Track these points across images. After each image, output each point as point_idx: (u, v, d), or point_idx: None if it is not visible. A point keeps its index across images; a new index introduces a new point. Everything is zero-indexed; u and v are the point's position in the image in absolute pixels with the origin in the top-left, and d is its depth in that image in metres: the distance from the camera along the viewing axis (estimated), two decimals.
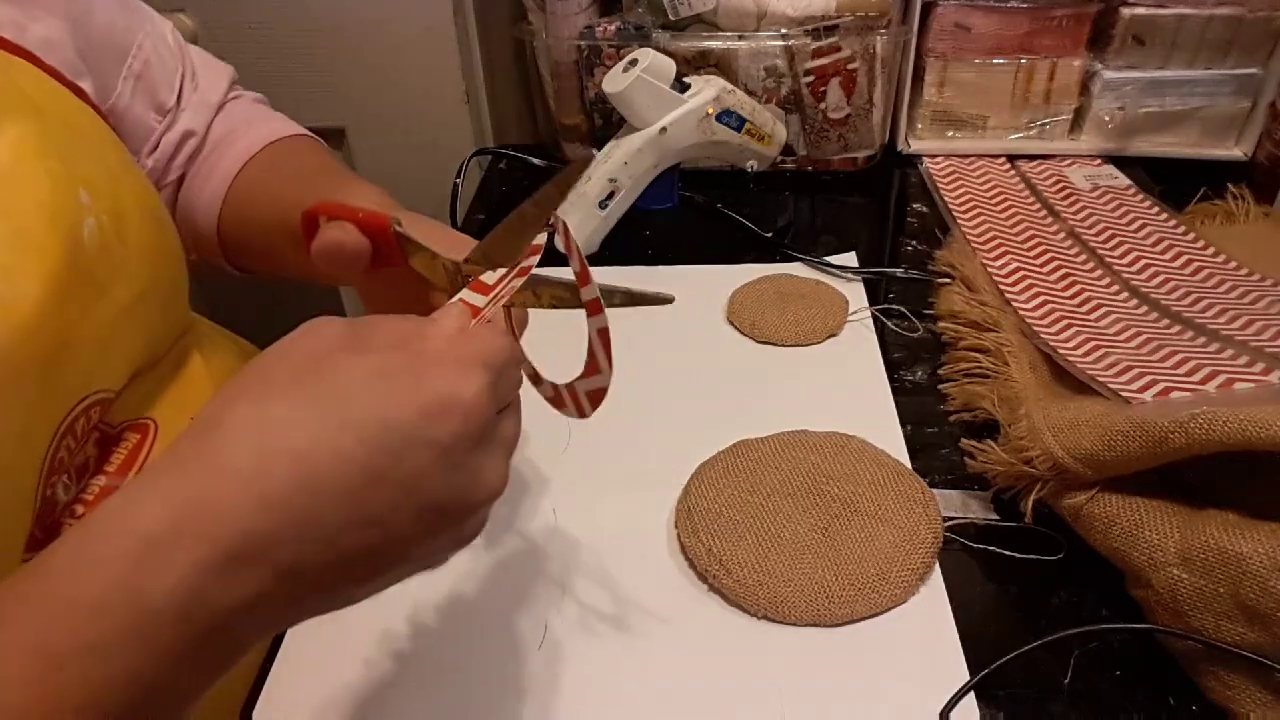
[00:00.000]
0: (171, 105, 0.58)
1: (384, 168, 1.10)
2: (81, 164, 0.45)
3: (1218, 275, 0.72)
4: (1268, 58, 0.86)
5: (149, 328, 0.50)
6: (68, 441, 0.43)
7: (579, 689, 0.47)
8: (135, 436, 0.49)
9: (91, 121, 0.49)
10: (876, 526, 0.53)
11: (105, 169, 0.47)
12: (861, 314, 0.73)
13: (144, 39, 0.56)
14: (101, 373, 0.46)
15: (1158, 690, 0.46)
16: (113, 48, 0.54)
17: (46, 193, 0.42)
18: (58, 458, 0.43)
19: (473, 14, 1.00)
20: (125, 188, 0.48)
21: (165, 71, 0.57)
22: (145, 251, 0.48)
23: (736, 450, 0.59)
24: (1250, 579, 0.43)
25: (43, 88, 0.46)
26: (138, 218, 0.48)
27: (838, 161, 0.94)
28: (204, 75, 0.61)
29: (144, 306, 0.48)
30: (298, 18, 0.98)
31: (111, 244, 0.45)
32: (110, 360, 0.47)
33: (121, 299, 0.46)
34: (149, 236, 0.49)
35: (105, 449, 0.47)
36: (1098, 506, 0.50)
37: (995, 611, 0.51)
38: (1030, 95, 0.92)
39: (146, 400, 0.50)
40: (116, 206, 0.46)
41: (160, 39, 0.57)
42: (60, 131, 0.45)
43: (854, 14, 0.85)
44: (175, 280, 0.53)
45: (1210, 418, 0.45)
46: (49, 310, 0.40)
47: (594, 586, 0.52)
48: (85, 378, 0.44)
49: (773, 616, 0.50)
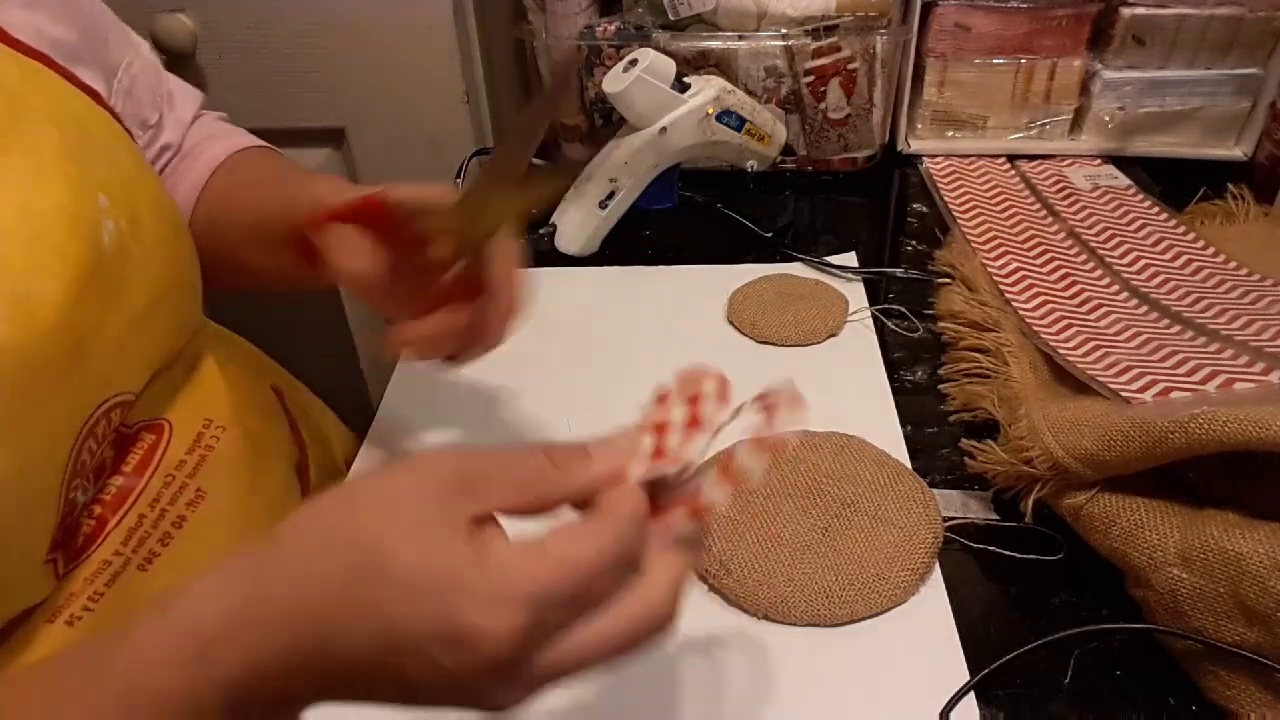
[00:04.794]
0: (154, 122, 0.59)
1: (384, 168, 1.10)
2: (98, 168, 0.45)
3: (1218, 275, 0.72)
4: (1268, 58, 0.86)
5: (166, 329, 0.51)
6: (89, 443, 0.43)
7: (579, 689, 0.47)
8: (151, 437, 0.49)
9: (106, 125, 0.49)
10: (876, 526, 0.53)
11: (120, 172, 0.47)
12: (861, 314, 0.73)
13: (134, 56, 0.57)
14: (122, 375, 0.46)
15: (1158, 690, 0.46)
16: (108, 65, 0.54)
17: (66, 196, 0.42)
18: (80, 460, 0.43)
19: (473, 14, 1.00)
20: (140, 190, 0.49)
21: (149, 89, 0.59)
22: (161, 253, 0.49)
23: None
24: (1250, 579, 0.43)
25: (59, 91, 0.46)
26: (153, 220, 0.49)
27: (838, 161, 0.94)
28: (179, 95, 0.63)
29: (161, 307, 0.49)
30: (298, 18, 0.98)
31: (130, 246, 0.45)
32: (130, 362, 0.47)
33: (140, 301, 0.46)
34: (165, 238, 0.50)
35: (122, 449, 0.48)
36: (1098, 506, 0.50)
37: (995, 611, 0.51)
38: (1030, 95, 0.92)
39: (162, 401, 0.51)
40: (133, 210, 0.47)
41: (145, 60, 0.59)
42: (77, 135, 0.45)
43: (854, 14, 0.85)
44: (190, 280, 0.54)
45: (1210, 418, 0.45)
46: (70, 313, 0.40)
47: None
48: (106, 380, 0.44)
49: (773, 616, 0.50)
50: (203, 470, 0.51)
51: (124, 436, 0.48)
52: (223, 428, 0.53)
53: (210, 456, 0.52)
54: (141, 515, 0.47)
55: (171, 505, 0.49)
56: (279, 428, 0.61)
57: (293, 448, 0.62)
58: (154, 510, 0.48)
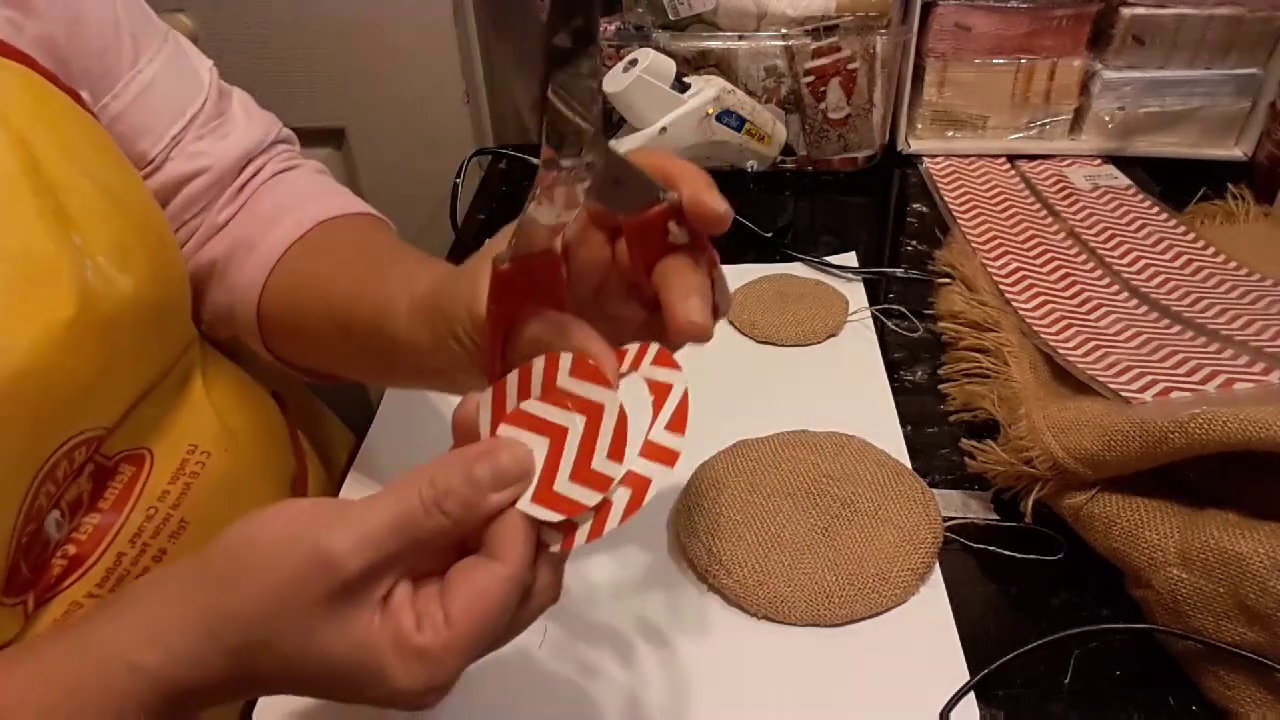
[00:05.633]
0: (155, 154, 0.52)
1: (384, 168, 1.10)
2: (76, 194, 0.42)
3: (1218, 275, 0.72)
4: (1268, 58, 0.86)
5: (152, 355, 0.48)
6: (47, 486, 0.41)
7: (579, 689, 0.47)
8: (130, 469, 0.47)
9: (88, 132, 0.46)
10: (876, 526, 0.53)
11: (103, 191, 0.44)
12: (861, 314, 0.73)
13: (132, 78, 0.51)
14: (92, 413, 0.43)
15: (1158, 690, 0.46)
16: (102, 76, 0.50)
17: (37, 238, 0.39)
18: (36, 504, 0.41)
19: (473, 14, 1.00)
20: (127, 209, 0.46)
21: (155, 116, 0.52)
22: (149, 277, 0.46)
23: (736, 450, 0.59)
24: (1250, 579, 0.43)
25: (38, 96, 0.43)
26: (139, 241, 0.46)
27: (838, 161, 0.94)
28: (240, 125, 0.56)
29: (149, 336, 0.46)
30: (298, 18, 0.98)
31: (115, 279, 0.43)
32: (103, 399, 0.44)
33: (123, 336, 0.44)
34: (152, 259, 0.47)
35: (100, 483, 0.46)
36: (1098, 506, 0.50)
37: (995, 611, 0.51)
38: (1030, 95, 0.92)
39: (144, 428, 0.48)
40: (118, 236, 0.44)
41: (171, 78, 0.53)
42: (55, 155, 0.42)
43: (854, 14, 0.85)
44: (179, 299, 0.51)
45: (1210, 418, 0.45)
46: (39, 360, 0.38)
47: (594, 586, 0.52)
48: (72, 420, 0.42)
49: (773, 616, 0.50)
50: (186, 500, 0.48)
51: (103, 469, 0.46)
52: (208, 453, 0.50)
53: (195, 484, 0.49)
54: (120, 554, 0.45)
55: (154, 539, 0.47)
56: (275, 440, 0.59)
57: (290, 459, 0.60)
58: (134, 547, 0.46)
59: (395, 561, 0.31)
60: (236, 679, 0.32)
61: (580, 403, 0.33)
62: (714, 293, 0.36)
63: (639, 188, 0.35)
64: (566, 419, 0.34)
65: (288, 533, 0.31)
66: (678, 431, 0.33)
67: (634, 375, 0.34)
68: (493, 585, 0.31)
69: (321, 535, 0.30)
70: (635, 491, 0.32)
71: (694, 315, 0.34)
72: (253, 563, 0.31)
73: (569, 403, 0.34)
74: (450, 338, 0.40)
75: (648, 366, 0.35)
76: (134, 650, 0.31)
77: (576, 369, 0.34)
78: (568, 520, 0.32)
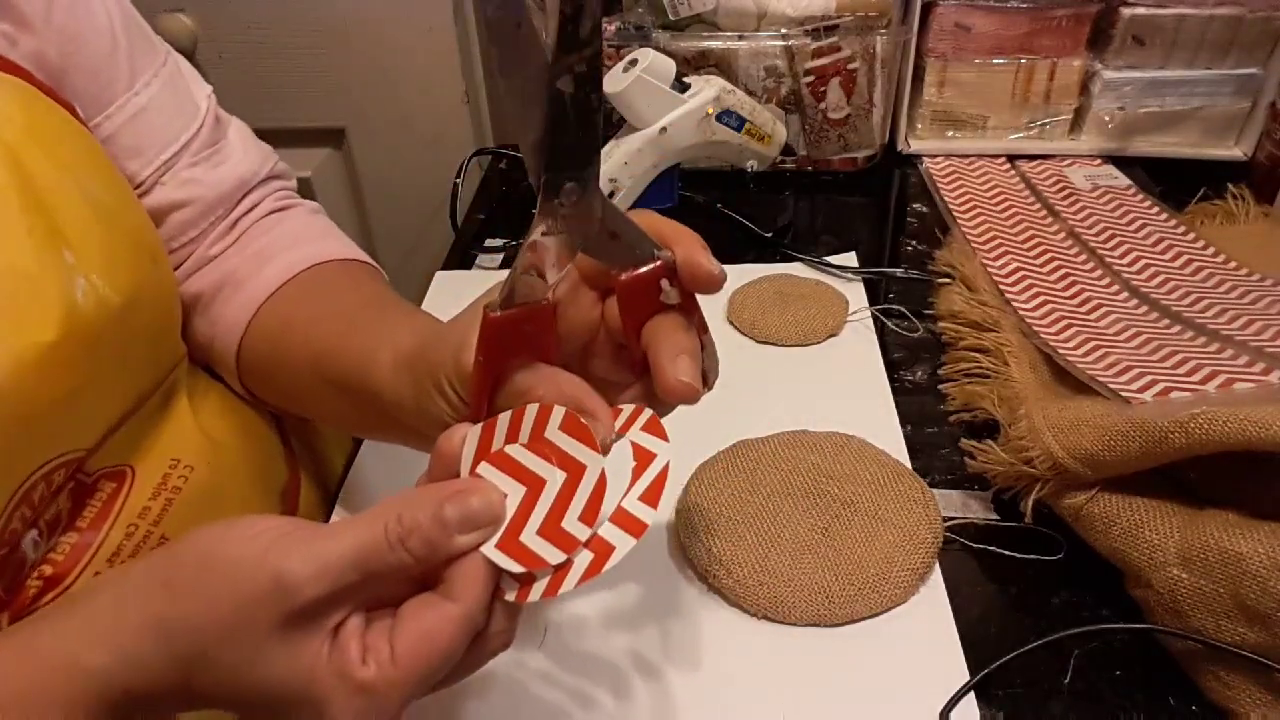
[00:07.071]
0: (144, 178, 0.51)
1: (384, 168, 1.10)
2: (69, 210, 0.42)
3: (1218, 275, 0.72)
4: (1268, 58, 0.86)
5: (137, 374, 0.47)
6: (22, 510, 0.41)
7: (579, 688, 0.47)
8: (111, 486, 0.46)
9: (82, 146, 0.45)
10: (876, 526, 0.53)
11: (96, 206, 0.43)
12: (861, 314, 0.73)
13: (126, 100, 0.51)
14: (72, 435, 0.43)
15: (1158, 690, 0.46)
16: (98, 97, 0.50)
17: (26, 256, 0.39)
18: (10, 530, 0.40)
19: (473, 14, 1.00)
20: (120, 225, 0.45)
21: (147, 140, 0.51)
22: (140, 295, 0.45)
23: (736, 450, 0.59)
24: (1250, 579, 0.43)
25: (32, 109, 0.43)
26: (131, 258, 0.45)
27: (838, 161, 0.94)
28: (236, 154, 0.55)
29: (133, 353, 0.46)
30: (298, 18, 0.98)
31: (107, 297, 0.42)
32: (85, 421, 0.43)
33: (110, 355, 0.43)
34: (144, 277, 0.46)
35: (79, 501, 0.45)
36: (1098, 506, 0.50)
37: (995, 611, 0.51)
38: (1030, 95, 0.92)
39: (126, 445, 0.47)
40: (110, 254, 0.43)
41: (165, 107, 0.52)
42: (48, 170, 0.41)
43: (854, 14, 0.85)
44: (169, 317, 0.50)
45: (1210, 418, 0.45)
46: (15, 384, 0.38)
47: (594, 586, 0.52)
48: (50, 444, 0.41)
49: (773, 616, 0.50)
50: (168, 516, 0.47)
51: (82, 486, 0.44)
52: (191, 467, 0.49)
53: (177, 500, 0.48)
54: (98, 573, 0.44)
55: (133, 557, 0.46)
56: (265, 450, 0.58)
57: (281, 469, 0.59)
58: (113, 565, 0.45)
59: (352, 593, 0.31)
60: (177, 690, 0.31)
61: (564, 458, 0.33)
62: (703, 358, 0.36)
63: (634, 244, 0.35)
64: (548, 471, 0.33)
65: (248, 552, 0.31)
66: (651, 504, 0.33)
67: (622, 437, 0.35)
68: (443, 626, 0.31)
69: (282, 559, 0.30)
70: (597, 558, 0.32)
71: (684, 375, 0.34)
72: (211, 578, 0.31)
73: (553, 456, 0.33)
74: (434, 389, 0.39)
75: (637, 431, 0.35)
76: (84, 647, 0.31)
77: (567, 424, 0.34)
78: (527, 573, 0.32)
